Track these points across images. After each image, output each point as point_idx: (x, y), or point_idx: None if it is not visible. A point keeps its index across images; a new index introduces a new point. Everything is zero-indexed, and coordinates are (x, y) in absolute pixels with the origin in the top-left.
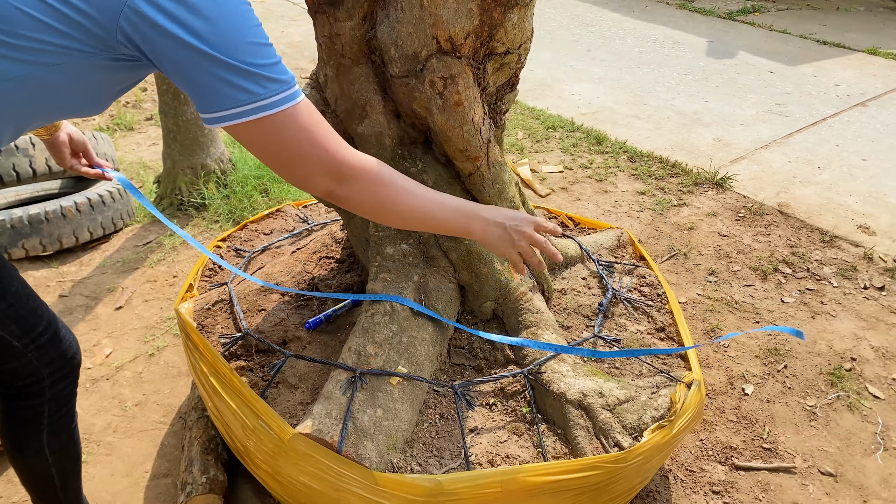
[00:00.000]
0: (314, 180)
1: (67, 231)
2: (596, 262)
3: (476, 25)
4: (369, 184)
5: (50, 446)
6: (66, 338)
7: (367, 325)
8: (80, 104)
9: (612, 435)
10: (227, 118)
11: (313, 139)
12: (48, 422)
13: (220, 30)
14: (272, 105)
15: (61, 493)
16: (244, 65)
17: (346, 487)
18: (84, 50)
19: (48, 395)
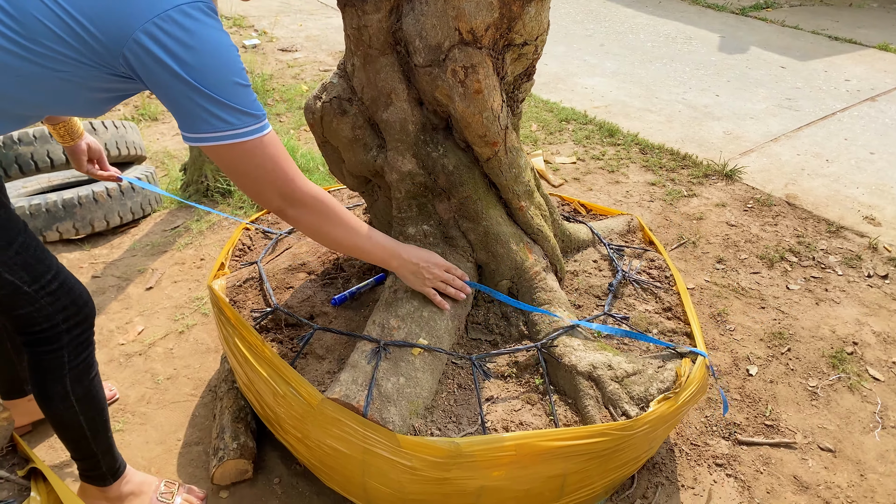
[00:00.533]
0: (270, 199)
1: (99, 215)
2: (607, 246)
3: (496, 18)
4: (315, 213)
5: (74, 392)
6: (76, 287)
7: (391, 301)
8: (79, 106)
9: (620, 405)
10: (205, 140)
11: (275, 166)
12: (69, 367)
13: (208, 69)
14: (243, 135)
15: (93, 444)
16: (225, 100)
17: (371, 449)
18: (88, 64)
19: (65, 339)
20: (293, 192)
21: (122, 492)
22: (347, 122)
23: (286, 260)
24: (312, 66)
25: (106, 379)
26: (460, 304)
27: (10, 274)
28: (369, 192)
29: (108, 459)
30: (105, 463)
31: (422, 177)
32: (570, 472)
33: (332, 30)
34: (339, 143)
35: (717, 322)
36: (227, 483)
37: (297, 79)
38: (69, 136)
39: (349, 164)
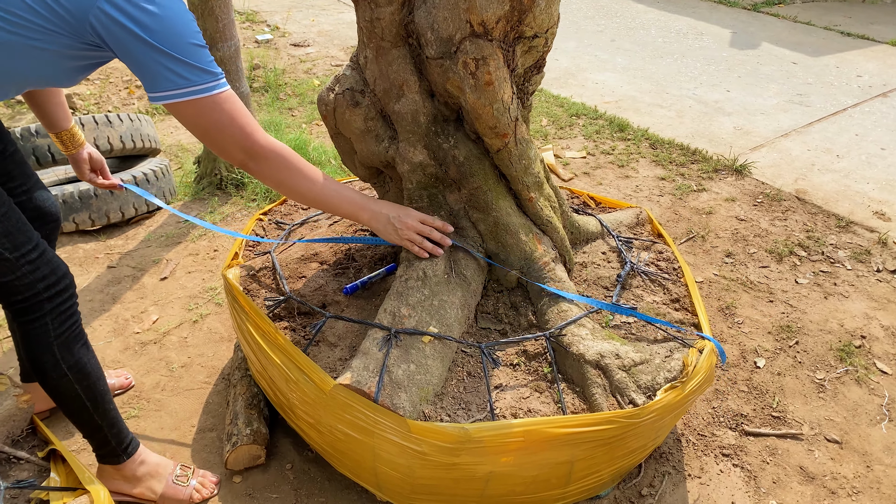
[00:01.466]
0: (231, 153)
1: (114, 207)
2: (616, 238)
3: (507, 10)
4: (276, 166)
5: (65, 360)
6: (54, 259)
7: (401, 290)
8: (52, 75)
9: (627, 393)
10: (168, 97)
11: (233, 121)
12: (54, 335)
13: (167, 30)
14: (203, 90)
15: (95, 415)
16: (184, 57)
17: (382, 434)
18: (58, 32)
19: (47, 307)
20: (253, 145)
21: (137, 472)
22: (360, 113)
23: (299, 250)
24: (324, 60)
25: (121, 367)
26: (470, 293)
27: None
28: (381, 183)
29: (114, 433)
30: (112, 437)
31: (433, 168)
32: (578, 459)
33: (344, 25)
34: (351, 134)
35: (726, 315)
36: (241, 468)
37: (310, 73)
38: (71, 145)
39: (361, 155)
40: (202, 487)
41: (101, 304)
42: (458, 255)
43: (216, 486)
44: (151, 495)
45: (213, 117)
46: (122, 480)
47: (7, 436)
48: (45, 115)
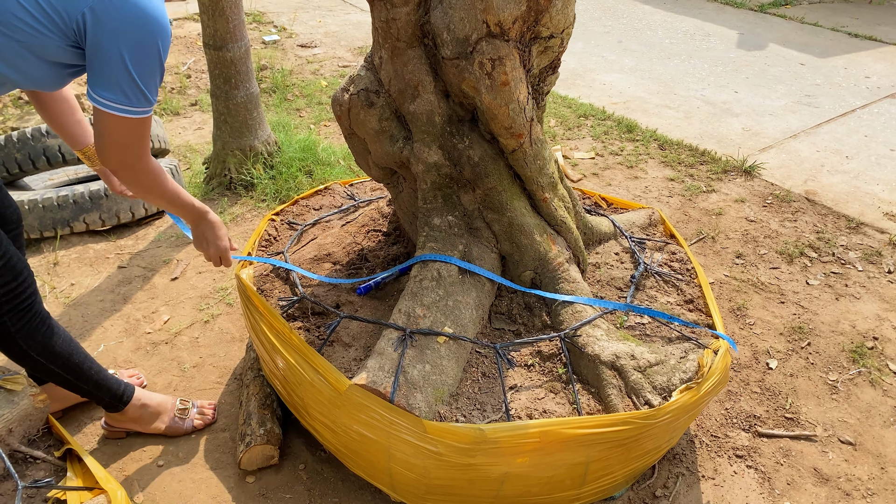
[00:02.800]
0: (112, 162)
1: (125, 207)
2: (628, 239)
3: (523, 11)
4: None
5: (32, 348)
6: (18, 263)
7: (416, 290)
8: (37, 76)
9: (642, 394)
10: (105, 105)
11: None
12: (14, 329)
13: (142, 50)
14: (132, 112)
15: (80, 383)
16: (140, 81)
17: (397, 434)
18: (48, 33)
19: (5, 309)
20: (135, 164)
21: (140, 413)
22: (374, 113)
23: (311, 250)
24: (331, 61)
25: (133, 366)
26: (484, 294)
27: None
28: (394, 184)
29: (104, 391)
30: (105, 394)
31: (447, 168)
32: (593, 460)
33: (351, 26)
34: (365, 134)
35: (737, 316)
36: (254, 468)
37: (317, 74)
38: (97, 159)
39: (375, 156)
40: (203, 416)
41: (113, 304)
42: (473, 254)
43: (215, 413)
44: (158, 430)
45: (123, 135)
46: (128, 421)
47: (23, 435)
48: (67, 135)
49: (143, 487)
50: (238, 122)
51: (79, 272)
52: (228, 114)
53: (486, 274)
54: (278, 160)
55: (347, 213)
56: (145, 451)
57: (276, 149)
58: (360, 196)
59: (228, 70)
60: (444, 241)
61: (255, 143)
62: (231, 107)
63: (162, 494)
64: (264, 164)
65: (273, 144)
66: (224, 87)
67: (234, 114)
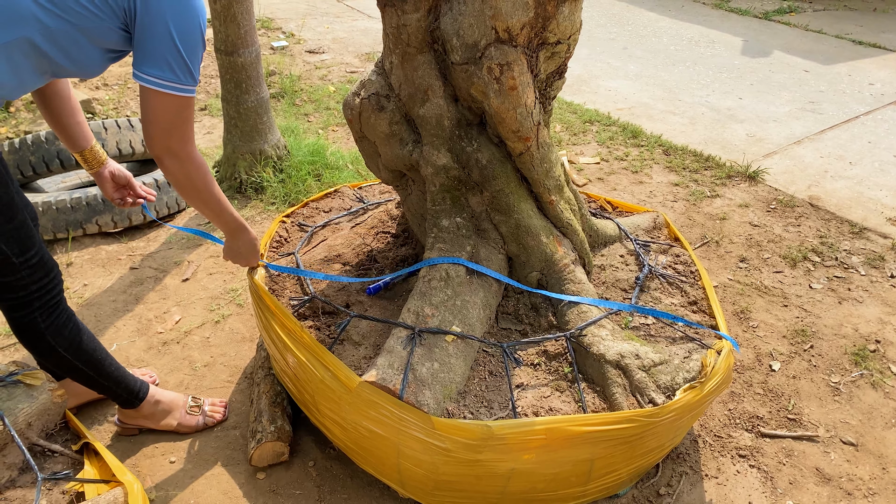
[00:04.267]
0: (160, 144)
1: (136, 209)
2: (633, 241)
3: (531, 17)
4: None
5: (59, 344)
6: (49, 260)
7: (425, 290)
8: (87, 61)
9: (647, 393)
10: (153, 82)
11: (182, 124)
12: (44, 325)
13: (189, 28)
14: (180, 90)
15: (101, 379)
16: (188, 58)
17: (406, 431)
18: (100, 16)
19: (36, 305)
20: (181, 149)
21: (153, 410)
22: (385, 117)
23: (322, 251)
24: (339, 67)
25: (145, 365)
26: (492, 294)
27: (6, 245)
28: (403, 186)
29: (122, 387)
30: (122, 391)
31: (456, 170)
32: (598, 458)
33: (358, 32)
34: (376, 137)
35: (741, 319)
36: (265, 465)
37: (325, 80)
38: (95, 162)
39: (385, 159)
40: (214, 413)
41: (125, 304)
42: (480, 255)
43: (226, 410)
44: (170, 426)
45: (170, 114)
46: (141, 418)
47: (42, 429)
48: (67, 136)
49: (156, 483)
50: (248, 127)
51: (91, 273)
52: (239, 118)
53: (493, 274)
54: (287, 164)
55: (357, 215)
56: (157, 447)
57: (286, 153)
58: (369, 199)
59: (239, 75)
60: (452, 242)
61: (265, 146)
62: (241, 111)
63: (174, 490)
64: (274, 168)
65: (282, 148)
66: (235, 91)
67: (245, 118)
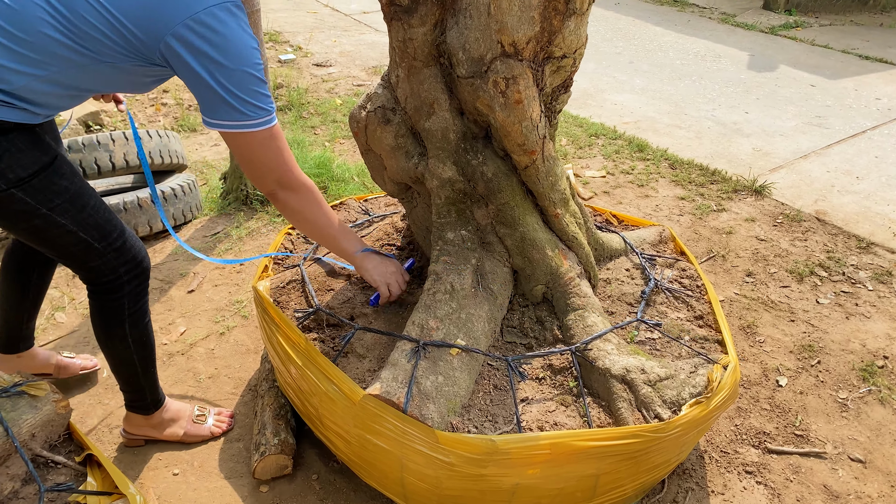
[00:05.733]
0: (266, 181)
1: (143, 220)
2: (639, 255)
3: (537, 31)
4: (304, 198)
5: (132, 334)
6: (136, 245)
7: (429, 303)
8: (126, 86)
9: (652, 408)
10: (222, 126)
11: (276, 155)
12: (128, 313)
13: (230, 69)
14: (252, 126)
15: (142, 379)
16: (243, 95)
17: (410, 445)
18: (130, 56)
19: (126, 289)
20: (289, 179)
21: (162, 419)
22: (391, 130)
23: (327, 264)
24: (346, 80)
25: None
26: (497, 307)
27: (84, 232)
28: (408, 199)
29: (152, 393)
30: (150, 395)
31: (461, 183)
32: (603, 473)
33: (365, 46)
34: (381, 150)
35: (747, 334)
36: (268, 478)
37: (332, 93)
38: None
39: (391, 171)
40: (220, 423)
41: None
42: (485, 268)
43: (231, 420)
44: (176, 436)
45: (259, 150)
46: (149, 427)
47: (45, 440)
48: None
49: (159, 495)
50: None
51: None
52: None
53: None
54: None
55: (362, 227)
56: (160, 459)
57: None
58: (375, 211)
59: None
60: (457, 254)
61: None
62: None
63: (177, 502)
64: None
65: None
66: None
67: None
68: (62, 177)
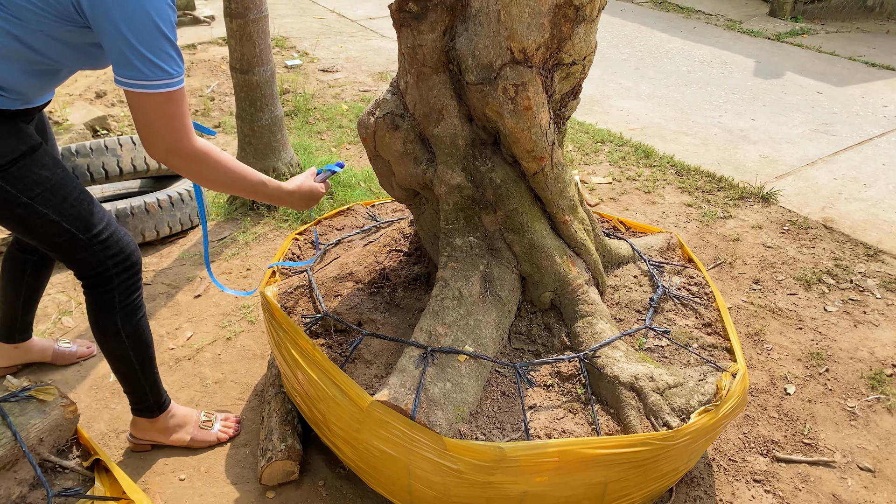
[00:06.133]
0: (155, 149)
1: (150, 225)
2: (647, 262)
3: (547, 38)
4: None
5: (125, 329)
6: (124, 238)
7: (437, 309)
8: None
9: (661, 415)
10: (123, 83)
11: (168, 121)
12: (119, 307)
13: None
14: (153, 87)
15: (141, 377)
16: (144, 50)
17: (418, 451)
18: (51, 17)
19: (115, 282)
20: (178, 148)
21: (168, 424)
22: (399, 136)
23: (334, 269)
24: (352, 86)
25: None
26: (504, 314)
27: (67, 223)
28: (416, 205)
29: (154, 393)
30: (152, 396)
31: (470, 190)
32: (611, 481)
33: (371, 51)
34: (390, 156)
35: (755, 341)
36: (274, 483)
37: (338, 98)
38: None
39: (399, 177)
40: (227, 429)
41: None
42: (493, 274)
43: (238, 425)
44: (182, 441)
45: (153, 113)
46: (155, 431)
47: (53, 445)
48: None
49: (165, 500)
50: (262, 144)
51: None
52: (253, 135)
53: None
54: None
55: (369, 233)
56: (167, 464)
57: (299, 170)
58: (382, 217)
59: (254, 93)
60: (465, 260)
61: (279, 164)
62: (256, 129)
63: None
64: None
65: (296, 166)
66: (249, 109)
67: (259, 136)
68: (42, 167)
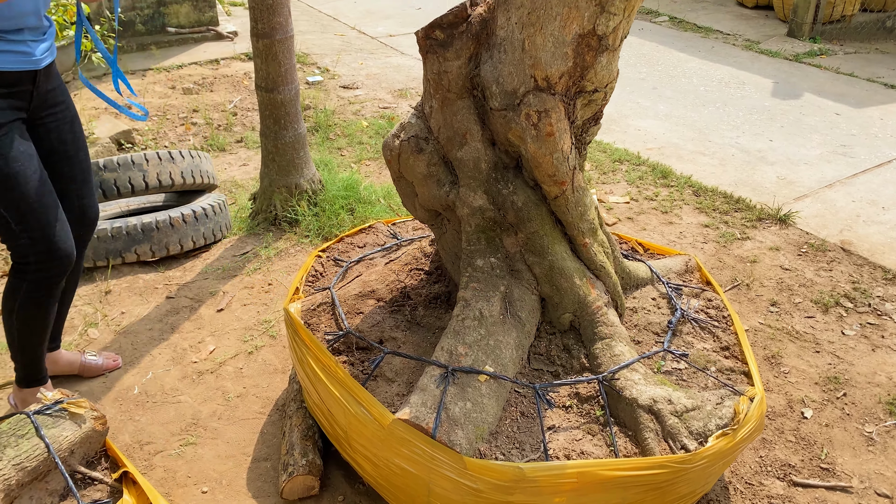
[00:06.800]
0: None
1: (174, 239)
2: (666, 285)
3: (570, 67)
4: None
5: (19, 312)
6: (58, 243)
7: (458, 329)
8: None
9: (679, 438)
10: None
11: None
12: (24, 295)
13: None
14: None
15: (20, 353)
16: None
17: (438, 470)
18: None
19: (30, 277)
20: None
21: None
22: (423, 159)
23: (356, 287)
24: (372, 103)
25: (179, 394)
26: (524, 335)
27: (6, 211)
28: (438, 225)
29: (28, 370)
30: (25, 371)
31: (491, 212)
32: (629, 503)
33: (391, 69)
34: (413, 178)
35: (772, 364)
36: (295, 498)
37: (358, 115)
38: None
39: (422, 198)
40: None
41: (161, 333)
42: (514, 295)
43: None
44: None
45: None
46: (20, 399)
47: (83, 457)
48: None
49: None
50: (285, 161)
51: (129, 301)
52: (276, 153)
53: None
54: (322, 198)
55: (390, 251)
56: (190, 477)
57: (320, 187)
58: (403, 235)
59: (278, 111)
60: (486, 281)
61: (301, 181)
62: (279, 146)
63: None
64: (308, 202)
65: (317, 182)
66: (273, 127)
67: (282, 153)
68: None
